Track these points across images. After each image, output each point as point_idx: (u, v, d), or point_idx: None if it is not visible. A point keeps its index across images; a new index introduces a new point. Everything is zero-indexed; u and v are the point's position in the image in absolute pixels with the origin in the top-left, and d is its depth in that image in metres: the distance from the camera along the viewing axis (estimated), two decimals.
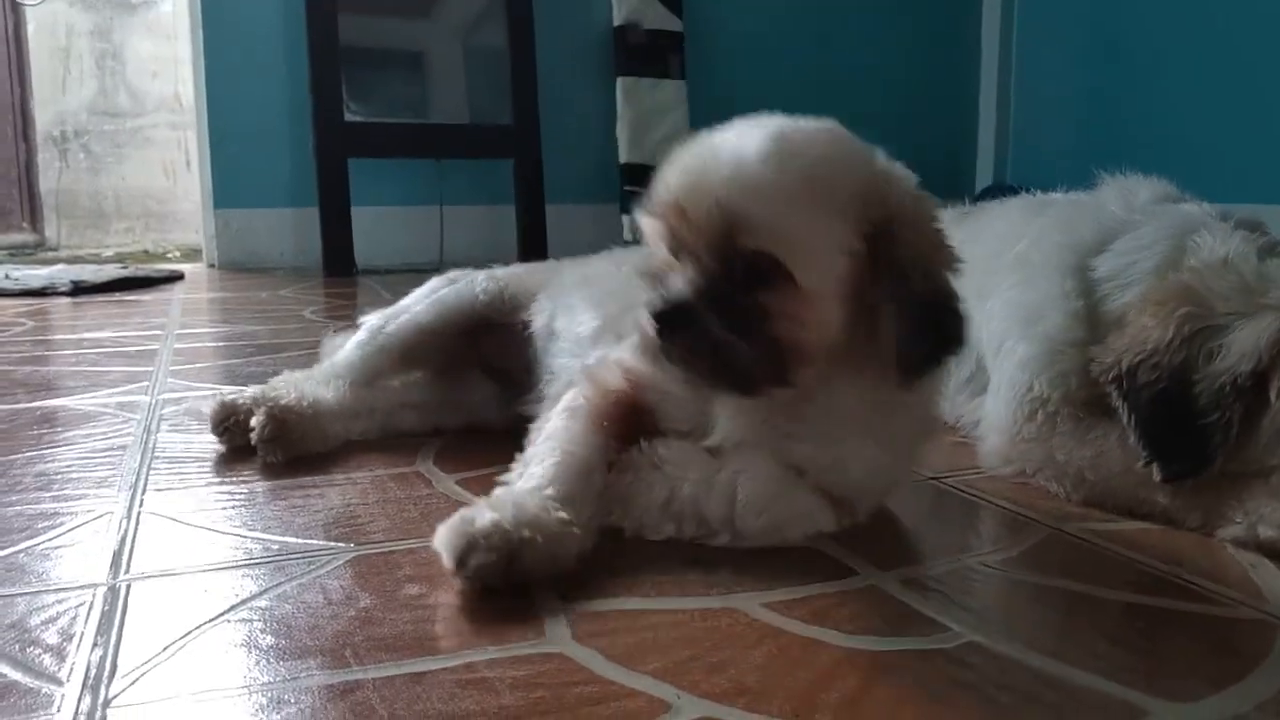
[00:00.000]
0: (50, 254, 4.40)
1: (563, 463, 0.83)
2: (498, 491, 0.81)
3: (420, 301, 1.27)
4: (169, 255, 4.55)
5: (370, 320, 1.27)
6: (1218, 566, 0.81)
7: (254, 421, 1.09)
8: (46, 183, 4.51)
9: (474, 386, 1.25)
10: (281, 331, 2.07)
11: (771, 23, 4.05)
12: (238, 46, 3.37)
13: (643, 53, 3.77)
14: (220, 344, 1.92)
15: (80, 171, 4.66)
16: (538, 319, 1.19)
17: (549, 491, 0.79)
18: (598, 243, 4.14)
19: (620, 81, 3.74)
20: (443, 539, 0.75)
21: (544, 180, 3.53)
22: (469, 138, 3.46)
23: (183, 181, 4.73)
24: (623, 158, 3.74)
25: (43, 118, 4.51)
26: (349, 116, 3.27)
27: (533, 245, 3.52)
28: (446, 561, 0.73)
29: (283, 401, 1.11)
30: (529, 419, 1.08)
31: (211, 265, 3.45)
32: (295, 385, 1.16)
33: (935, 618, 0.71)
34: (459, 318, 1.24)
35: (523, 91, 3.49)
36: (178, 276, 3.12)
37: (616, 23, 3.76)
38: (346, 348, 1.26)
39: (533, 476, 0.82)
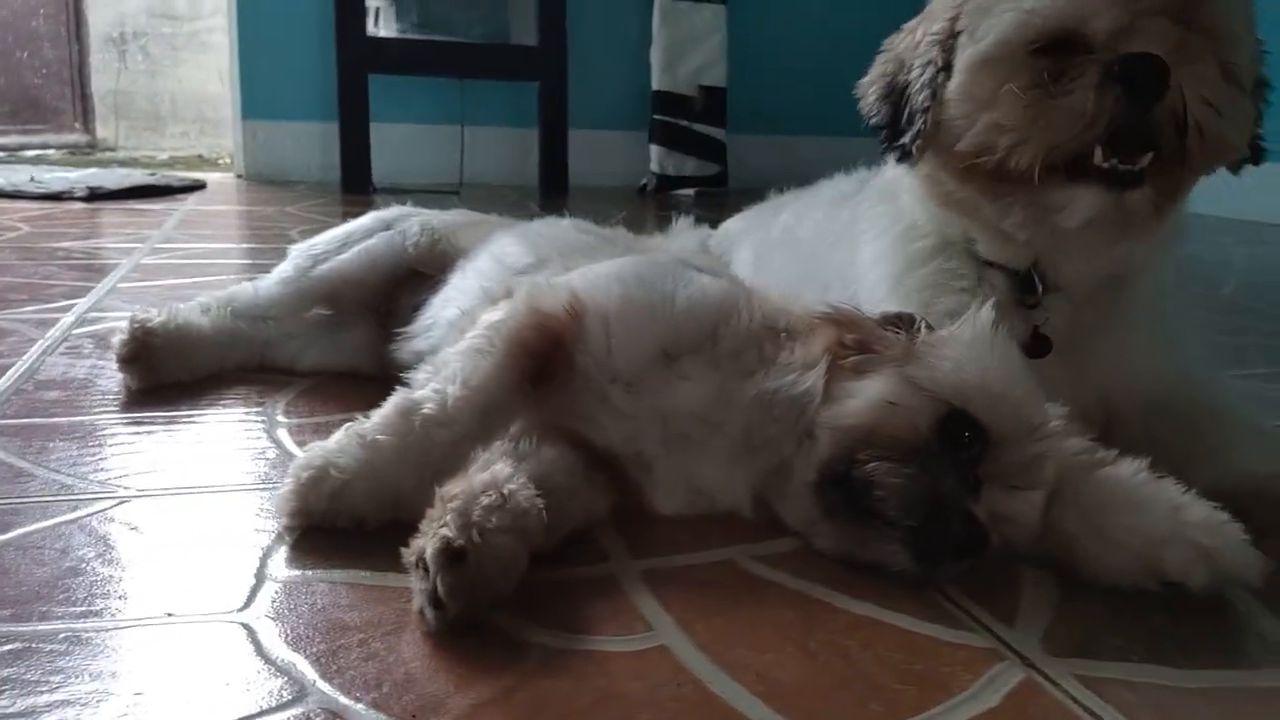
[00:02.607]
0: (106, 154, 4.53)
1: (464, 399, 0.79)
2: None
3: (350, 246, 1.25)
4: (220, 161, 4.64)
5: (299, 257, 1.26)
6: (997, 583, 0.77)
7: (114, 341, 1.11)
8: (105, 83, 4.62)
9: (359, 327, 1.24)
10: (256, 252, 2.10)
11: None
12: None
13: None
14: (188, 261, 1.96)
15: (138, 73, 4.76)
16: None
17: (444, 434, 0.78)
18: (624, 170, 4.08)
19: (658, 4, 3.63)
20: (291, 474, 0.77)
21: (569, 105, 3.47)
22: (492, 58, 3.41)
23: None
24: (655, 85, 3.65)
25: (103, 18, 4.61)
26: (371, 30, 3.25)
27: (554, 170, 3.49)
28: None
29: (149, 324, 1.12)
30: (403, 364, 1.08)
31: (240, 176, 3.50)
32: (169, 309, 1.17)
33: (645, 615, 0.69)
34: (385, 269, 1.22)
35: (550, 12, 3.42)
36: (199, 186, 3.18)
37: None
38: (270, 280, 1.26)
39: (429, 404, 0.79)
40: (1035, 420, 0.77)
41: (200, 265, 1.91)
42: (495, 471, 0.71)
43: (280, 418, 1.07)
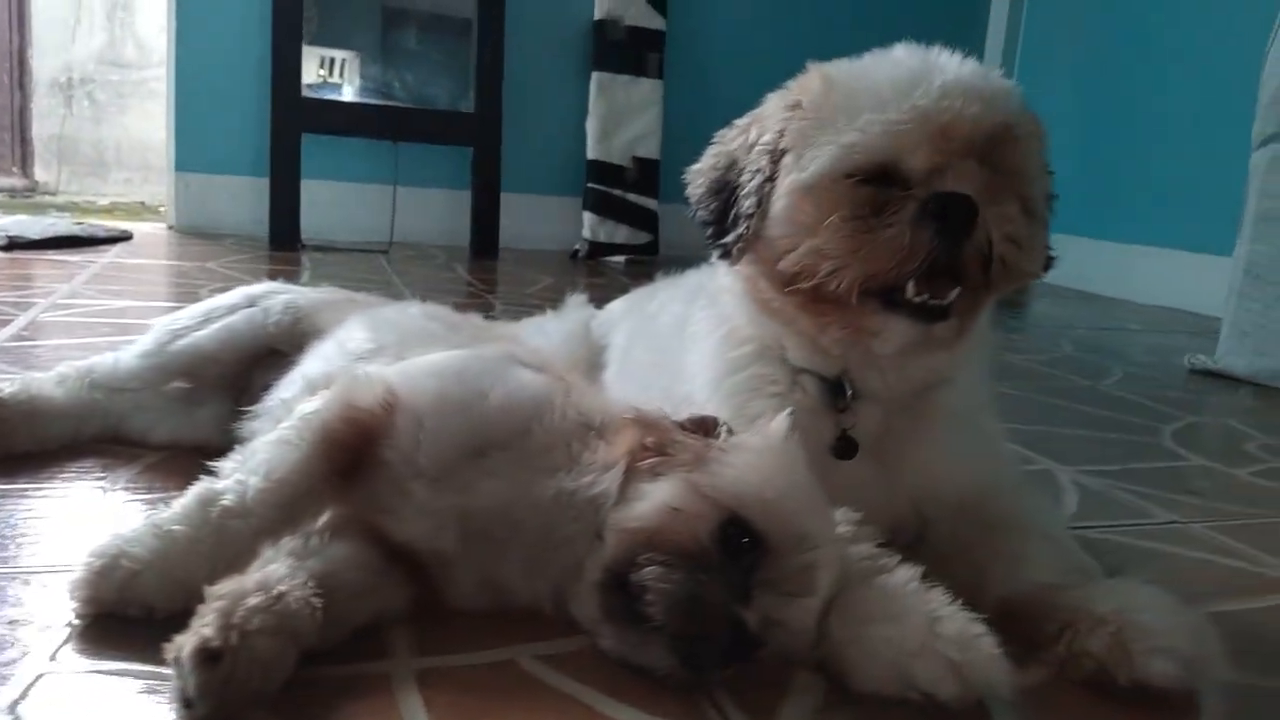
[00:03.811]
0: (45, 198, 4.53)
1: (265, 491, 0.80)
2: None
3: (212, 322, 1.26)
4: (161, 209, 4.65)
5: (160, 331, 1.28)
6: (766, 687, 0.79)
7: None
8: (50, 128, 4.63)
9: (214, 402, 1.25)
10: (159, 311, 2.10)
11: (758, 25, 3.99)
12: (211, 6, 3.42)
13: (621, 49, 3.74)
14: (86, 320, 1.96)
15: (84, 119, 4.78)
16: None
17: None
18: (557, 234, 4.12)
19: (595, 76, 3.72)
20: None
21: (503, 170, 3.54)
22: (428, 122, 3.48)
23: None
24: (590, 154, 3.73)
25: (51, 65, 4.63)
26: (307, 91, 3.30)
27: (485, 233, 3.54)
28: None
29: None
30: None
31: (170, 227, 3.51)
32: (24, 380, 1.18)
33: (404, 715, 0.71)
34: (245, 346, 1.24)
35: (487, 80, 3.50)
36: (125, 237, 3.18)
37: (597, 17, 3.74)
38: (130, 352, 1.27)
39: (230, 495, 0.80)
40: (809, 528, 0.81)
41: (96, 325, 1.92)
42: (269, 571, 0.73)
43: (120, 493, 1.08)
